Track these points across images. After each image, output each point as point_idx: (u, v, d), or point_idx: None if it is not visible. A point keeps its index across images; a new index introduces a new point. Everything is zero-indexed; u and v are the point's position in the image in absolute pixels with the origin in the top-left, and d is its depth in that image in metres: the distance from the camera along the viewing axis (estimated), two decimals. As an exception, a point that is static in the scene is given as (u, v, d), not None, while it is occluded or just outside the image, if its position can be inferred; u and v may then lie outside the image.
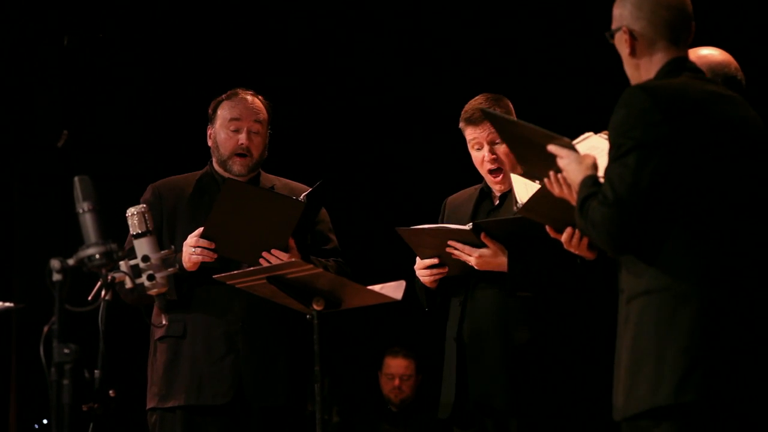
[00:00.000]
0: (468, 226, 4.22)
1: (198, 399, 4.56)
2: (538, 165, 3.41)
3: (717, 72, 3.83)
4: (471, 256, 4.23)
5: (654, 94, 3.11)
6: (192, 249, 4.47)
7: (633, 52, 3.27)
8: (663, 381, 3.04)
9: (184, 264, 4.49)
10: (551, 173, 3.35)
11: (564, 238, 3.68)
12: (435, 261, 4.33)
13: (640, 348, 3.09)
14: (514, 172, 3.59)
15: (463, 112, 4.48)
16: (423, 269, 4.37)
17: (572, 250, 3.68)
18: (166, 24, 7.23)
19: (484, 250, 4.22)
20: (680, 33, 3.27)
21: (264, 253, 4.47)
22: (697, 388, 3.03)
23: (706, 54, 3.93)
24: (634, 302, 3.13)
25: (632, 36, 3.26)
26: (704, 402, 3.03)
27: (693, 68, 3.27)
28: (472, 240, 4.23)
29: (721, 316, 3.06)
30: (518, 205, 3.77)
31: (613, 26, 3.32)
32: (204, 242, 4.47)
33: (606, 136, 3.48)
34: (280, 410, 4.61)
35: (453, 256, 4.28)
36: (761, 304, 3.12)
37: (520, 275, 4.21)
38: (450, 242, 4.25)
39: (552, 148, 3.29)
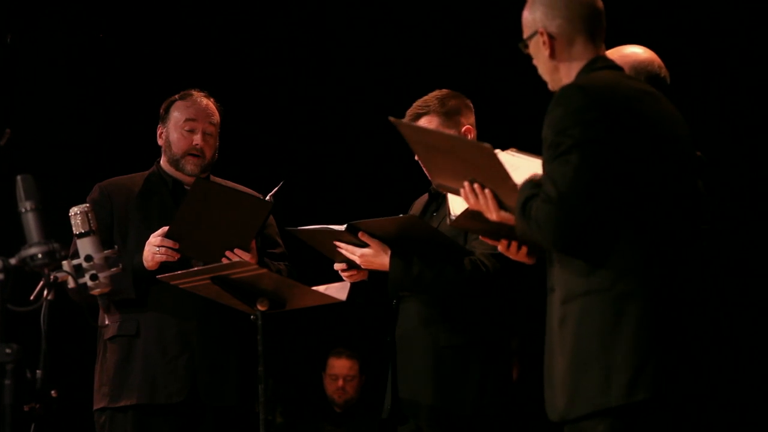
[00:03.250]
0: (343, 227, 4.21)
1: (151, 398, 4.56)
2: (453, 175, 3.35)
3: (639, 70, 3.84)
4: (355, 256, 4.23)
5: (589, 92, 3.12)
6: (156, 248, 4.47)
7: (552, 54, 3.27)
8: (612, 382, 3.05)
9: (145, 263, 4.50)
10: (466, 183, 3.32)
11: (500, 249, 3.68)
12: (344, 266, 4.33)
13: (583, 350, 3.10)
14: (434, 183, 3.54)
15: None
16: (341, 271, 4.37)
17: (511, 257, 3.68)
18: (116, 21, 7.19)
19: (365, 250, 4.21)
20: (595, 28, 3.28)
21: (227, 253, 4.49)
22: (648, 386, 3.04)
23: (629, 53, 3.92)
24: (573, 303, 3.13)
25: (550, 37, 3.26)
26: (656, 400, 3.05)
27: (612, 66, 3.29)
28: (354, 240, 4.22)
29: (666, 313, 3.08)
30: (451, 217, 3.77)
31: (526, 34, 3.31)
32: (168, 242, 4.48)
33: (514, 153, 3.49)
34: (231, 410, 4.63)
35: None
36: (702, 299, 3.15)
37: (401, 275, 4.18)
38: (335, 243, 4.25)
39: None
